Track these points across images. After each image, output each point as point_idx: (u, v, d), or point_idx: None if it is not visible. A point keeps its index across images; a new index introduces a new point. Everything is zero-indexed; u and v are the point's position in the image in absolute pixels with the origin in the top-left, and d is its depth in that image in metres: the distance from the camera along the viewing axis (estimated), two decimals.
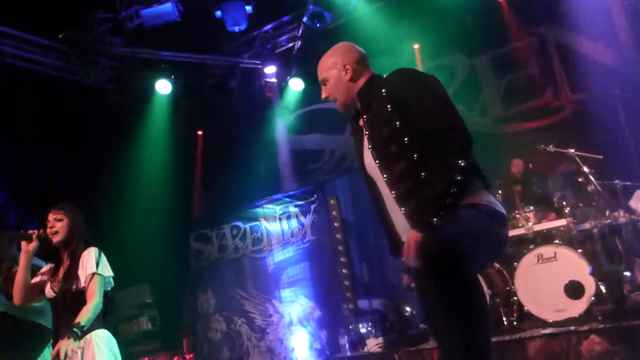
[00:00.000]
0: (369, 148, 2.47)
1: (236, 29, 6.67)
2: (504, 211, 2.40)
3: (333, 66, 2.59)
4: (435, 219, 2.20)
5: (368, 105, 2.49)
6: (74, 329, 3.14)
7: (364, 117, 2.52)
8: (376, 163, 2.43)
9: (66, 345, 3.07)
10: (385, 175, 2.40)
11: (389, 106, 2.37)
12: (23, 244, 3.44)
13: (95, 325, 3.31)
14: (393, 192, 2.38)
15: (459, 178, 2.22)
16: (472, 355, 2.17)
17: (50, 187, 7.13)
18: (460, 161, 2.22)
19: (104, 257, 3.47)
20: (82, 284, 3.32)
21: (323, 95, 2.62)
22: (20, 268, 3.44)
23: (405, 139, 2.31)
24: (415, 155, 2.30)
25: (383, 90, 2.43)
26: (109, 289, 3.51)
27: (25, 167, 7.16)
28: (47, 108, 6.73)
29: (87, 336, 3.26)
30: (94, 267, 3.35)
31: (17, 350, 4.31)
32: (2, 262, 4.49)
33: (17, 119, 6.45)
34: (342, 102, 2.59)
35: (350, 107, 2.59)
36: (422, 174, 2.28)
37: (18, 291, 3.45)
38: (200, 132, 8.67)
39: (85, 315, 3.21)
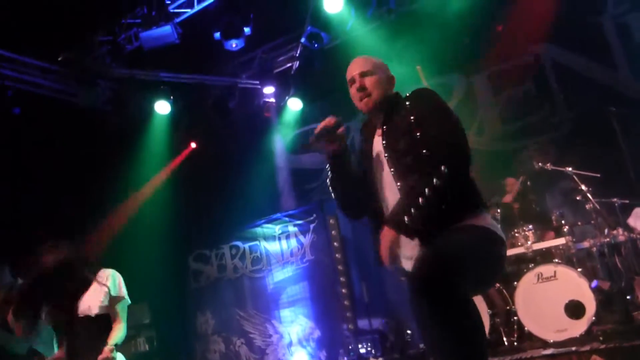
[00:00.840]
0: (385, 156, 2.52)
1: (233, 45, 6.69)
2: (503, 235, 2.45)
3: (383, 68, 2.68)
4: (407, 218, 2.28)
5: (391, 115, 2.57)
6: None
7: (384, 127, 2.58)
8: (391, 171, 2.49)
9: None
10: (398, 184, 2.44)
11: (412, 117, 2.46)
12: None
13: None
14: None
15: (437, 183, 2.26)
16: None
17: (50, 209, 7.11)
18: (443, 167, 2.27)
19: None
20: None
21: (358, 85, 2.60)
22: None
23: (424, 151, 2.37)
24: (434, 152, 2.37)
25: (407, 103, 2.54)
26: None
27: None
28: (46, 130, 6.75)
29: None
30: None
31: None
32: None
33: (17, 141, 6.46)
34: (374, 100, 2.60)
35: (376, 109, 2.63)
36: (420, 199, 2.31)
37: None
38: (193, 145, 8.62)
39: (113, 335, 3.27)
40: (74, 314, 3.32)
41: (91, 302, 3.33)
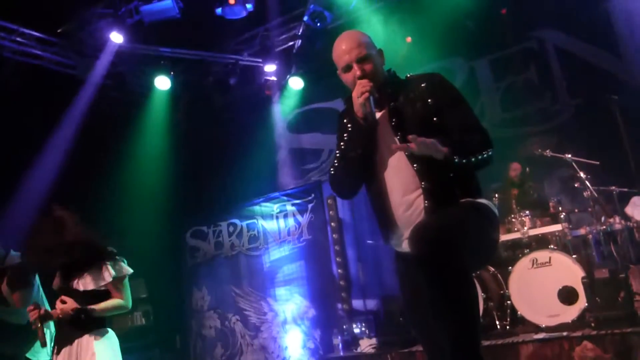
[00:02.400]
0: (396, 138, 2.43)
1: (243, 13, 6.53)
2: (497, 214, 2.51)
3: (373, 47, 2.57)
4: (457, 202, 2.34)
5: (396, 95, 2.50)
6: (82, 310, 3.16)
7: (391, 105, 2.50)
8: (405, 153, 2.39)
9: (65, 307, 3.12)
10: (415, 165, 2.38)
11: (430, 100, 2.43)
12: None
13: (100, 323, 3.32)
14: (423, 183, 2.37)
15: (489, 154, 2.38)
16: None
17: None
18: (489, 150, 2.37)
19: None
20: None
21: (360, 74, 2.46)
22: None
23: (439, 136, 2.32)
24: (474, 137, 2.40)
25: (423, 85, 2.48)
26: None
27: None
28: (45, 102, 6.72)
29: (90, 334, 3.25)
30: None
31: (5, 345, 4.32)
32: None
33: (15, 113, 6.43)
34: (379, 85, 2.48)
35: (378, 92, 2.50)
36: (451, 174, 2.39)
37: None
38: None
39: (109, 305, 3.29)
40: (69, 285, 3.32)
41: (89, 280, 3.32)
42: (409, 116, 2.43)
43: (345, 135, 2.57)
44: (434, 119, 2.39)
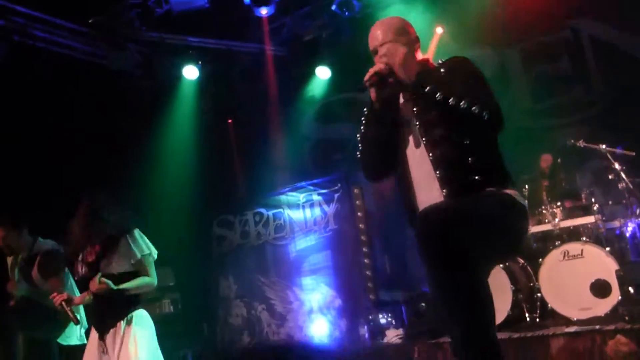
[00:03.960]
0: (416, 124, 2.47)
1: (263, 12, 6.64)
2: (525, 204, 2.48)
3: (405, 34, 2.58)
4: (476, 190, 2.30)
5: (422, 83, 2.45)
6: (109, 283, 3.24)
7: (414, 95, 2.50)
8: (423, 141, 2.44)
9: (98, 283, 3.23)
10: (431, 154, 2.40)
11: (449, 77, 2.42)
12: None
13: (135, 305, 3.42)
14: (438, 172, 2.38)
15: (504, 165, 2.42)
16: (491, 348, 2.10)
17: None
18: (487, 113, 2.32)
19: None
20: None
21: (381, 55, 2.51)
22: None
23: (456, 118, 2.34)
24: (465, 142, 2.36)
25: (442, 70, 2.48)
26: None
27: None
28: (76, 91, 6.82)
29: (129, 316, 3.36)
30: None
31: (38, 331, 4.43)
32: (16, 252, 4.58)
33: (47, 102, 6.54)
34: (395, 72, 2.49)
35: (403, 79, 2.51)
36: (470, 159, 2.35)
37: None
38: (229, 121, 8.69)
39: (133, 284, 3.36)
40: (96, 271, 3.39)
41: (115, 263, 3.41)
42: (429, 103, 2.41)
43: (363, 117, 2.63)
44: (450, 100, 2.33)
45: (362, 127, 2.62)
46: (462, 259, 2.07)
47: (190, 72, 7.53)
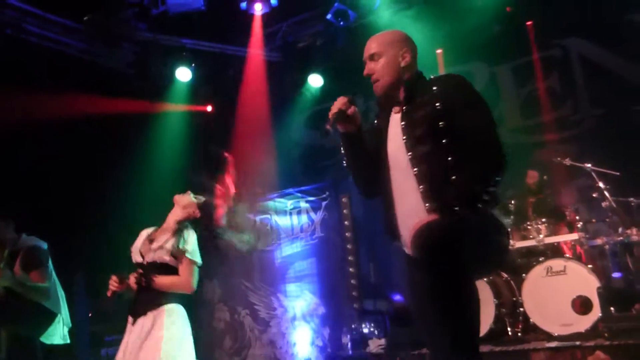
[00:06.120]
0: (402, 139, 2.46)
1: (257, 9, 6.66)
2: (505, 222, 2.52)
3: (393, 45, 2.55)
4: (457, 207, 2.25)
5: (412, 98, 2.47)
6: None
7: (404, 107, 2.49)
8: (408, 155, 2.42)
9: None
10: (415, 169, 2.39)
11: (437, 104, 2.37)
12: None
13: (171, 298, 3.45)
14: (421, 186, 2.37)
15: (493, 190, 2.30)
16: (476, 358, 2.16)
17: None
18: (497, 177, 2.29)
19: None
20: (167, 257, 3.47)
21: (366, 71, 2.55)
22: None
23: (444, 140, 2.32)
24: (450, 159, 2.31)
25: (434, 88, 2.43)
26: None
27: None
28: (68, 88, 6.79)
29: (160, 307, 3.39)
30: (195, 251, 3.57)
31: (21, 327, 4.37)
32: (1, 247, 4.53)
33: (38, 98, 6.50)
34: (385, 85, 2.52)
35: (390, 93, 2.55)
36: (454, 177, 2.31)
37: None
38: (209, 108, 8.65)
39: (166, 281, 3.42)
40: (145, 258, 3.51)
41: (163, 251, 3.49)
42: (418, 119, 2.41)
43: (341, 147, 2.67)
44: (440, 123, 2.33)
45: (342, 155, 2.68)
46: (456, 271, 2.15)
47: (183, 74, 7.53)
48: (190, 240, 3.58)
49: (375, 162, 2.60)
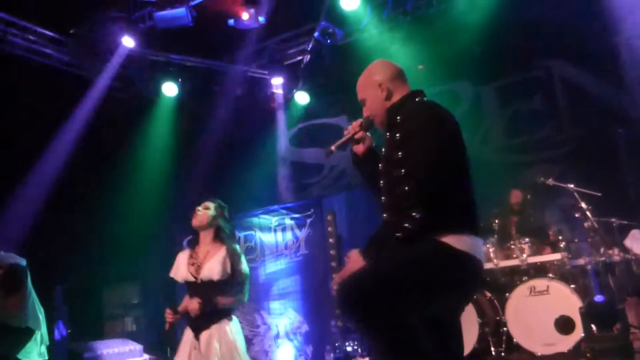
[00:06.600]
0: (379, 167, 2.50)
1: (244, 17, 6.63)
2: (478, 256, 2.28)
3: (369, 85, 2.57)
4: (372, 252, 2.24)
5: (392, 125, 2.46)
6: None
7: (387, 134, 2.50)
8: (381, 183, 2.46)
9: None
10: (383, 198, 2.42)
11: (397, 135, 2.37)
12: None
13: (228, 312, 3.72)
14: (385, 215, 2.38)
15: (409, 226, 2.18)
16: None
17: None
18: (414, 214, 2.16)
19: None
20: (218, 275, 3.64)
21: (365, 115, 2.59)
22: None
23: (402, 170, 2.26)
24: (406, 188, 2.22)
25: (398, 118, 2.43)
26: None
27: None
28: (52, 101, 6.74)
29: (221, 321, 3.64)
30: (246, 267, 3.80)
31: None
32: None
33: (22, 110, 6.45)
34: (379, 122, 2.55)
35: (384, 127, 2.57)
36: (411, 207, 2.21)
37: None
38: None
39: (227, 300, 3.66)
40: (199, 276, 3.70)
41: (214, 269, 3.66)
42: (388, 151, 2.43)
43: None
44: (399, 153, 2.30)
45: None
46: (381, 323, 2.15)
47: (170, 89, 7.52)
48: (243, 258, 3.81)
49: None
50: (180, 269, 3.84)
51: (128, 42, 6.68)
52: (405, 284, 2.16)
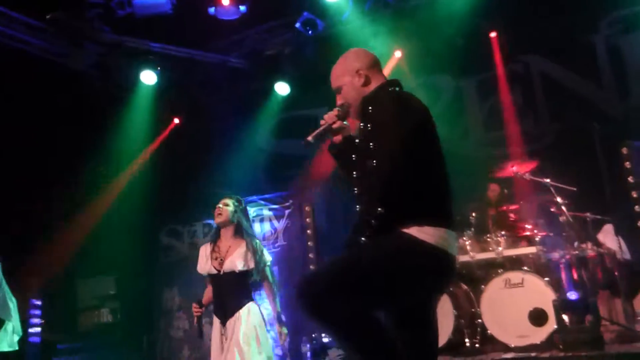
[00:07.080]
0: (353, 157, 2.43)
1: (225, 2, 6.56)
2: (445, 248, 2.22)
3: (345, 72, 2.51)
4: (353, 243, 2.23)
5: (365, 115, 2.41)
6: None
7: (360, 125, 2.43)
8: (354, 174, 2.40)
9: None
10: (355, 189, 2.37)
11: (369, 126, 2.33)
12: None
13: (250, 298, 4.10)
14: (357, 206, 2.34)
15: (372, 220, 2.17)
16: None
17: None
18: (379, 207, 2.15)
19: None
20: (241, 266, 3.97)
21: (338, 103, 2.52)
22: None
23: (374, 162, 2.21)
24: (373, 180, 2.21)
25: (370, 108, 2.37)
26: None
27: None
28: (29, 88, 6.61)
29: (244, 307, 3.99)
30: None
31: None
32: None
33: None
34: (355, 110, 2.48)
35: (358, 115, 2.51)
36: (377, 197, 2.20)
37: None
38: (176, 120, 8.53)
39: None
40: (221, 269, 4.01)
41: (236, 262, 3.98)
42: (361, 141, 2.39)
43: None
44: (370, 144, 2.25)
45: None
46: (333, 319, 2.20)
47: (148, 77, 7.41)
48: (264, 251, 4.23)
49: None
50: (205, 263, 4.11)
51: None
52: (361, 277, 2.15)
